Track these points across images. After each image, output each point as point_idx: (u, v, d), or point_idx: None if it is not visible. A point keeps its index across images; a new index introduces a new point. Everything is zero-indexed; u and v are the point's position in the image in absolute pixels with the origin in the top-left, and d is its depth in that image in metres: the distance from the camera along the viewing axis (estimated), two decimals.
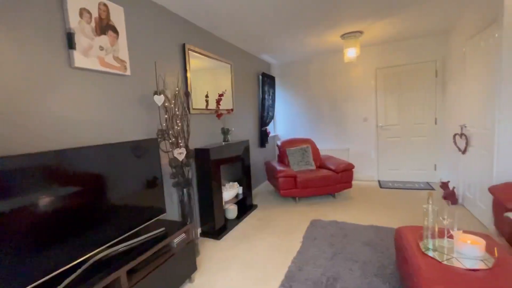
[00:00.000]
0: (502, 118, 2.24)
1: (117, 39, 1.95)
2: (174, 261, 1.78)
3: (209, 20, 2.83)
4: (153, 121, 2.28)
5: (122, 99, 2.01)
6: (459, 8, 2.93)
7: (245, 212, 3.34)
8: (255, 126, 4.49)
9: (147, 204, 1.87)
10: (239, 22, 2.93)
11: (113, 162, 1.62)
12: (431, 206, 1.45)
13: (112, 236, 1.58)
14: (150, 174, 1.91)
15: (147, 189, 1.88)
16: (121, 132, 1.99)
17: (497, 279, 1.18)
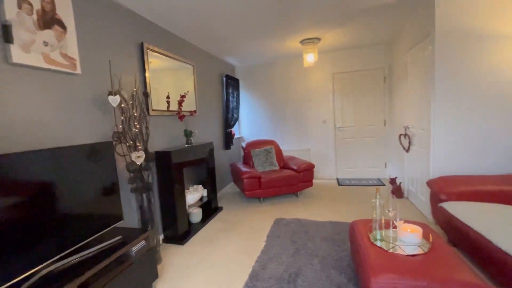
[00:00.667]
0: (436, 120, 2.56)
1: (65, 35, 1.80)
2: (133, 271, 1.70)
3: (169, 20, 2.75)
4: (108, 123, 2.15)
5: (72, 99, 1.86)
6: (400, 23, 3.29)
7: (210, 215, 3.31)
8: (220, 128, 4.47)
9: (102, 211, 1.76)
10: (201, 24, 2.90)
11: (62, 168, 1.50)
12: (378, 200, 1.61)
13: (62, 248, 1.45)
14: (105, 180, 1.80)
15: (102, 196, 1.76)
16: (72, 135, 1.84)
17: (431, 262, 1.35)
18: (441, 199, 2.23)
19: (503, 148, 2.42)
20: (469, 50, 2.40)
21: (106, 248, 1.63)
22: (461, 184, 2.21)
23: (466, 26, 2.38)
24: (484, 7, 2.33)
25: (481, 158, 2.48)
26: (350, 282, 1.82)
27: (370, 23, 3.23)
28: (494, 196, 2.09)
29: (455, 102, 2.49)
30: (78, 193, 1.59)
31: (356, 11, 2.84)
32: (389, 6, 2.75)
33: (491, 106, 2.42)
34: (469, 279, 1.20)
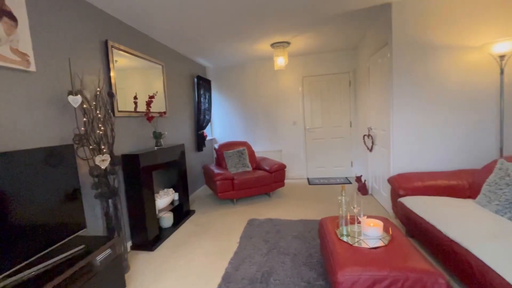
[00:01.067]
0: (394, 121, 2.78)
1: (16, 28, 1.65)
2: (97, 281, 1.61)
3: (136, 18, 2.65)
4: (68, 125, 2.00)
5: (26, 99, 1.71)
6: (363, 30, 3.52)
7: (182, 218, 3.23)
8: (191, 130, 4.38)
9: (62, 220, 1.64)
10: (170, 24, 2.83)
11: (15, 173, 1.37)
12: (343, 198, 1.71)
13: (16, 261, 1.33)
14: (65, 186, 1.68)
15: (62, 203, 1.64)
16: (27, 137, 1.69)
17: (391, 253, 1.46)
18: (400, 195, 2.42)
19: (451, 147, 2.70)
20: (422, 58, 2.65)
21: (67, 259, 1.52)
22: (416, 180, 2.42)
23: (420, 37, 2.62)
24: (436, 22, 2.58)
25: (434, 156, 2.74)
26: (320, 277, 1.90)
27: (336, 29, 3.41)
28: (444, 190, 2.32)
29: (411, 105, 2.73)
30: (35, 201, 1.47)
31: (323, 18, 2.98)
32: (352, 14, 2.93)
33: (441, 109, 2.68)
34: (422, 267, 1.32)
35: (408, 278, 1.28)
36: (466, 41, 2.54)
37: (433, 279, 1.27)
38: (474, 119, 2.63)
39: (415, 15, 2.61)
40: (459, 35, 2.55)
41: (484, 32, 2.49)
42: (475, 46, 2.52)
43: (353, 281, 1.32)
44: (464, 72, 2.59)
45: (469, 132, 2.65)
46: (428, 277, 1.27)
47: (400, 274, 1.30)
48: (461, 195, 2.29)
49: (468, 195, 2.27)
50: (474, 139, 2.65)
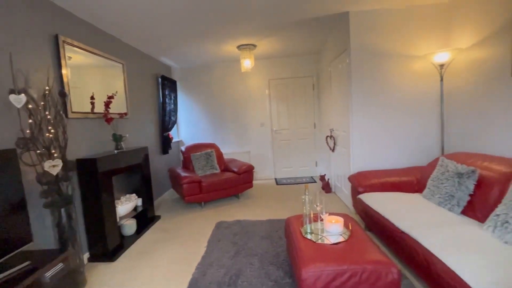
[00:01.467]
0: (353, 123, 2.97)
1: None
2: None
3: (92, 13, 2.47)
4: (9, 127, 1.79)
5: None
6: (325, 36, 3.71)
7: (146, 225, 3.08)
8: (156, 132, 4.21)
9: (3, 234, 1.46)
10: (130, 20, 2.69)
11: None
12: (307, 197, 1.78)
13: None
14: (5, 195, 1.50)
15: (2, 215, 1.46)
16: None
17: (350, 248, 1.56)
18: (359, 192, 2.59)
19: (403, 146, 2.96)
20: (377, 64, 2.87)
21: (10, 278, 1.36)
22: (373, 178, 2.61)
23: (375, 45, 2.84)
24: (387, 31, 2.81)
25: (388, 154, 2.98)
26: (287, 275, 1.95)
27: (299, 34, 3.54)
28: (396, 186, 2.54)
29: (368, 108, 2.94)
30: None
31: (286, 23, 3.08)
32: (315, 20, 3.07)
33: (393, 112, 2.93)
34: (378, 258, 1.43)
35: (365, 270, 1.38)
36: (412, 50, 2.82)
37: (387, 269, 1.38)
38: (420, 121, 2.92)
39: (369, 25, 2.82)
40: (406, 44, 2.82)
41: (427, 43, 2.79)
42: (419, 56, 2.81)
43: (316, 277, 1.39)
44: (411, 79, 2.86)
45: (417, 132, 2.93)
46: (383, 268, 1.38)
47: (358, 267, 1.39)
48: (411, 190, 2.52)
49: (416, 190, 2.51)
50: (421, 139, 2.94)
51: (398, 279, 1.36)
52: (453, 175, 2.01)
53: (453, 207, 1.92)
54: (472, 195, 1.87)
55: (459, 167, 1.99)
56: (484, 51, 2.31)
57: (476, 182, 1.87)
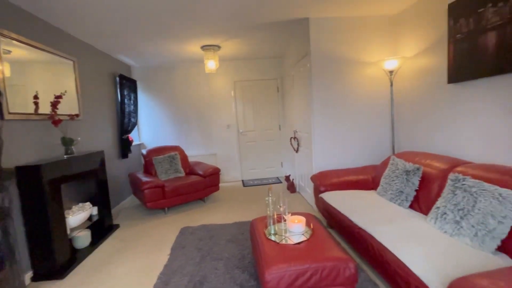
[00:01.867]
0: (315, 125, 3.09)
1: None
2: None
3: (35, 2, 2.22)
4: None
5: None
6: (287, 41, 3.82)
7: (103, 235, 2.86)
8: (114, 135, 3.93)
9: None
10: (80, 14, 2.48)
11: None
12: (270, 198, 1.80)
13: None
14: None
15: None
16: None
17: (312, 246, 1.61)
18: (320, 191, 2.70)
19: (360, 146, 3.17)
20: (336, 69, 3.03)
21: None
22: (334, 177, 2.74)
23: (333, 50, 3.00)
24: (344, 38, 2.99)
25: (347, 154, 3.16)
26: (252, 277, 1.96)
27: (263, 38, 3.59)
28: (355, 184, 2.70)
29: (328, 110, 3.08)
30: None
31: (250, 26, 3.11)
32: (277, 24, 3.13)
33: (351, 114, 3.12)
34: (336, 255, 1.50)
35: (326, 267, 1.44)
36: (366, 57, 3.03)
37: (345, 264, 1.45)
38: (374, 123, 3.15)
39: (328, 31, 2.97)
40: (361, 51, 3.02)
41: (378, 50, 3.03)
42: (373, 62, 3.04)
43: (280, 278, 1.41)
44: (366, 84, 3.08)
45: (372, 133, 3.16)
46: (341, 264, 1.45)
47: (319, 265, 1.44)
48: (367, 188, 2.70)
49: (372, 187, 2.70)
50: (375, 139, 3.17)
51: (355, 273, 1.45)
52: (402, 172, 2.20)
53: (402, 202, 2.10)
54: (417, 190, 2.07)
55: (406, 165, 2.19)
56: (426, 60, 2.58)
57: (420, 178, 2.07)
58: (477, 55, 2.02)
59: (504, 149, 1.90)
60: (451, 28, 2.23)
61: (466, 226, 1.51)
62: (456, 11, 2.18)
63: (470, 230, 1.48)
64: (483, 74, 1.99)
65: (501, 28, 1.82)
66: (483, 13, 1.95)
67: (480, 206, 1.49)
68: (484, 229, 1.43)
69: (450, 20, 2.23)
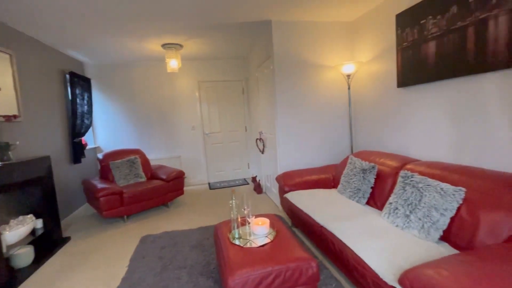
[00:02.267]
0: (279, 126, 3.14)
1: None
2: None
3: None
4: None
5: None
6: (251, 42, 3.82)
7: (50, 250, 2.57)
8: (64, 137, 3.57)
9: None
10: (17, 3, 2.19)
11: None
12: (234, 201, 1.77)
13: None
14: None
15: None
16: None
17: (275, 248, 1.61)
18: (285, 191, 2.74)
19: (322, 146, 3.29)
20: (298, 72, 3.10)
21: None
22: (297, 177, 2.80)
23: (295, 53, 3.07)
24: (305, 42, 3.08)
25: (310, 154, 3.26)
26: (217, 284, 1.90)
27: (226, 38, 3.55)
28: (317, 183, 2.79)
29: (290, 112, 3.15)
30: None
31: (212, 26, 3.05)
32: (240, 26, 3.12)
33: (313, 115, 3.22)
34: (299, 255, 1.52)
35: (288, 268, 1.45)
36: (325, 61, 3.16)
37: (307, 264, 1.48)
38: (335, 124, 3.30)
39: (290, 34, 3.04)
40: (321, 55, 3.14)
41: (337, 55, 3.18)
42: (332, 66, 3.18)
43: (243, 283, 1.38)
44: (326, 86, 3.21)
45: (332, 134, 3.30)
46: (303, 264, 1.47)
47: (282, 266, 1.45)
48: (329, 186, 2.81)
49: (333, 186, 2.82)
50: (336, 139, 3.32)
51: (317, 272, 1.48)
52: (359, 171, 2.32)
53: (360, 199, 2.22)
54: (373, 187, 2.20)
55: (363, 164, 2.32)
56: (379, 65, 2.77)
57: (375, 176, 2.20)
58: (420, 62, 2.22)
59: (444, 147, 2.11)
60: (398, 36, 2.42)
61: (414, 219, 1.64)
62: (402, 21, 2.37)
63: (418, 222, 1.61)
64: (425, 80, 2.19)
65: (439, 38, 2.03)
66: (424, 24, 2.14)
67: (426, 200, 1.63)
68: (429, 221, 1.56)
69: (398, 29, 2.42)
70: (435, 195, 1.60)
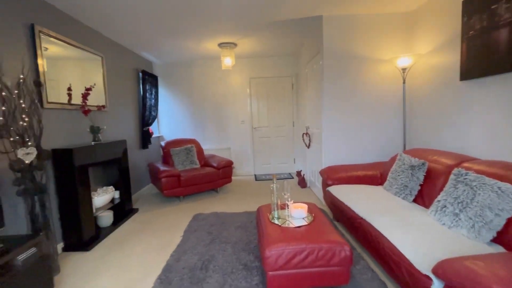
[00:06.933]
0: (325, 121, 3.16)
1: None
2: (19, 282, 1.50)
3: (69, 3, 2.48)
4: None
5: None
6: (301, 39, 3.89)
7: (124, 217, 3.12)
8: (136, 126, 4.21)
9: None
10: (108, 16, 2.72)
11: None
12: (275, 185, 1.92)
13: None
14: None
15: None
16: None
17: (311, 230, 1.71)
18: (328, 184, 2.77)
19: (370, 143, 3.19)
20: (348, 66, 3.07)
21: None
22: (341, 172, 2.80)
23: (346, 48, 3.04)
24: (357, 35, 3.02)
25: (356, 150, 3.20)
26: (256, 259, 2.09)
27: (278, 35, 3.69)
28: (362, 179, 2.74)
29: (338, 107, 3.13)
30: None
31: (264, 24, 3.22)
32: (291, 22, 3.23)
33: (362, 110, 3.14)
34: (334, 239, 1.59)
35: (322, 248, 1.54)
36: (378, 54, 3.04)
37: (341, 247, 1.54)
38: (386, 120, 3.16)
39: (341, 28, 3.02)
40: (374, 49, 3.04)
41: (392, 48, 3.03)
42: (385, 59, 3.05)
43: (278, 255, 1.53)
44: (378, 81, 3.09)
45: (383, 130, 3.17)
46: (337, 246, 1.54)
47: (315, 245, 1.54)
48: (375, 183, 2.74)
49: (380, 183, 2.73)
50: (386, 136, 3.18)
51: (349, 256, 1.53)
52: (407, 167, 2.22)
53: (407, 196, 2.14)
54: (422, 185, 2.10)
55: (412, 160, 2.21)
56: (439, 57, 2.56)
57: (425, 173, 2.09)
58: (489, 52, 2.01)
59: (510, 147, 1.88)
60: (464, 24, 2.22)
61: (464, 218, 1.54)
62: (470, 8, 2.16)
63: (468, 222, 1.51)
64: (494, 71, 1.97)
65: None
66: (496, 10, 1.93)
67: (479, 199, 1.52)
68: (481, 221, 1.46)
69: (464, 17, 2.22)
70: (491, 194, 1.48)
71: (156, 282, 1.86)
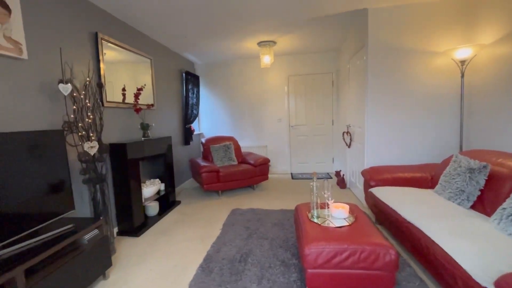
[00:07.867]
0: (369, 119, 3.00)
1: (9, 17, 1.73)
2: (84, 258, 1.71)
3: (125, 12, 2.74)
4: (58, 112, 2.09)
5: (17, 85, 1.79)
6: (343, 34, 3.73)
7: (168, 208, 3.35)
8: (179, 124, 4.48)
9: (52, 200, 1.73)
10: (157, 21, 2.94)
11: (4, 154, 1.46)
12: (315, 184, 1.89)
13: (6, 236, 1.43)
14: (55, 168, 1.77)
15: (51, 184, 1.74)
16: (16, 122, 1.77)
17: (352, 231, 1.65)
18: (370, 185, 2.64)
19: (419, 143, 2.95)
20: (395, 61, 2.87)
21: (56, 236, 1.63)
22: (385, 173, 2.64)
23: (393, 41, 2.85)
24: (406, 27, 2.81)
25: (403, 151, 2.98)
26: (294, 257, 2.08)
27: (319, 31, 3.60)
28: (409, 181, 2.55)
29: (383, 104, 2.95)
30: (24, 180, 1.56)
31: (306, 20, 3.17)
32: (334, 17, 3.12)
33: (410, 108, 2.92)
34: (378, 241, 1.51)
35: (365, 250, 1.48)
36: (431, 46, 2.79)
37: (385, 250, 1.46)
38: (438, 118, 2.88)
39: (388, 21, 2.83)
40: (425, 41, 2.79)
41: (447, 38, 2.75)
42: (439, 52, 2.78)
43: (318, 253, 1.51)
44: (430, 75, 2.83)
45: (434, 130, 2.90)
46: (381, 249, 1.47)
47: (358, 246, 1.49)
48: (425, 186, 2.52)
49: (430, 186, 2.51)
50: (438, 136, 2.90)
51: (395, 260, 1.44)
52: (465, 170, 2.01)
53: (463, 201, 1.93)
54: (482, 190, 1.88)
55: (471, 163, 1.99)
56: (507, 47, 2.26)
57: (487, 177, 1.87)
58: None
59: None
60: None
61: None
62: None
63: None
64: None
65: None
66: None
67: None
68: None
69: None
70: None
71: (198, 269, 1.97)
